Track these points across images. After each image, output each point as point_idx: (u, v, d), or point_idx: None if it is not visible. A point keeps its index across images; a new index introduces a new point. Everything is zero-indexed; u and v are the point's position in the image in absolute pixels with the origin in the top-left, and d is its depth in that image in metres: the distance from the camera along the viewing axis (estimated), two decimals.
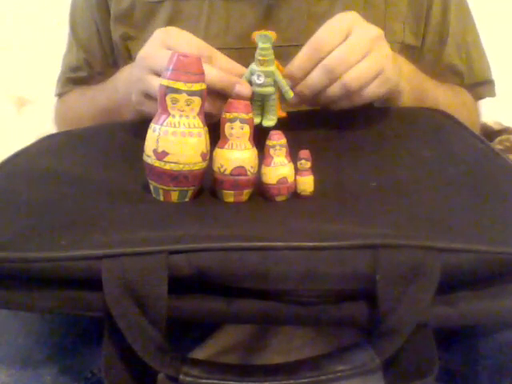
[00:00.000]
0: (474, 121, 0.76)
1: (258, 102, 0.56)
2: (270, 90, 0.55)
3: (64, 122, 0.81)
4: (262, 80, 0.54)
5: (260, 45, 0.54)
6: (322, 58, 0.54)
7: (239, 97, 0.53)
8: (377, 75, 0.56)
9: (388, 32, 0.69)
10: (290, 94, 0.56)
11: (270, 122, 0.56)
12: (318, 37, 0.55)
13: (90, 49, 0.78)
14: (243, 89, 0.54)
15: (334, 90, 0.55)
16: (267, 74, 0.54)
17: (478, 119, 0.79)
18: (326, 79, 0.55)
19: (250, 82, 0.55)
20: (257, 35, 0.54)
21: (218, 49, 0.67)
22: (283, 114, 0.57)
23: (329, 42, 0.54)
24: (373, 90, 0.56)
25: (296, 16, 0.68)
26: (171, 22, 0.69)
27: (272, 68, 0.55)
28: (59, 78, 0.82)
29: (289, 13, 0.68)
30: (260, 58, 0.54)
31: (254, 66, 0.55)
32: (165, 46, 0.55)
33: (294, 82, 0.56)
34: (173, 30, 0.57)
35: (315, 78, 0.55)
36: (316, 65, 0.55)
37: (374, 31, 0.57)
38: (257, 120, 0.56)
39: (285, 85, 0.55)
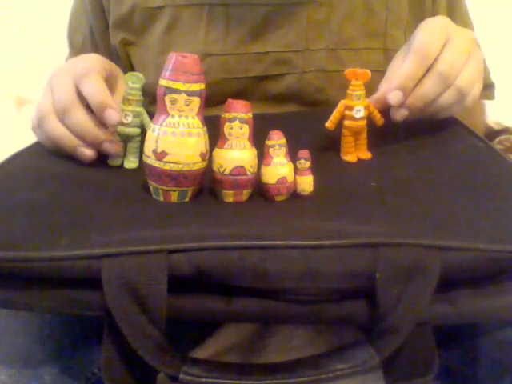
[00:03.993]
0: (475, 122, 0.76)
1: (121, 142, 0.55)
2: (136, 131, 0.54)
3: None
4: (129, 119, 0.54)
5: (130, 84, 0.54)
6: (430, 65, 0.52)
7: (108, 123, 0.52)
8: (479, 77, 0.55)
9: (389, 39, 0.70)
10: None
11: (131, 164, 0.55)
12: (423, 43, 0.52)
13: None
14: (113, 114, 0.52)
15: (449, 96, 0.54)
16: (135, 115, 0.54)
17: (481, 120, 0.79)
18: (442, 87, 0.53)
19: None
20: (127, 75, 0.54)
21: (218, 55, 0.68)
22: (368, 155, 0.56)
23: (434, 48, 0.52)
24: (476, 93, 0.56)
25: (295, 22, 0.68)
26: (170, 27, 0.69)
27: (139, 109, 0.54)
28: None
29: (288, 19, 0.68)
30: (129, 97, 0.54)
31: (121, 106, 0.54)
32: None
33: (406, 92, 0.53)
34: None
35: (430, 86, 0.53)
36: (425, 72, 0.53)
37: (470, 34, 0.56)
38: (118, 162, 0.55)
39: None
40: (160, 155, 0.46)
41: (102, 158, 0.55)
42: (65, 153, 0.55)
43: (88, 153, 0.54)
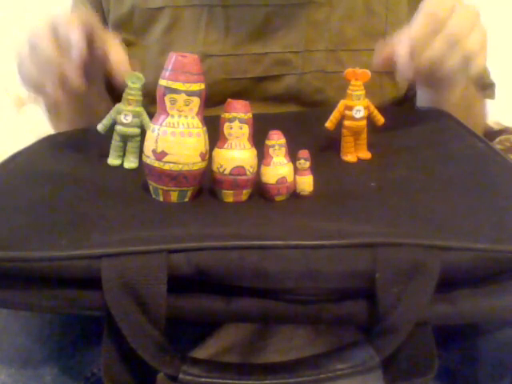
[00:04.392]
0: (475, 122, 0.75)
1: (121, 142, 0.55)
2: (135, 130, 0.54)
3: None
4: (129, 119, 0.54)
5: (130, 84, 0.54)
6: (438, 29, 0.53)
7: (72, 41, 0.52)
8: (483, 47, 0.56)
9: (389, 40, 0.70)
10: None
11: (131, 164, 0.55)
12: (431, 8, 0.54)
13: None
14: (77, 33, 0.52)
15: (456, 59, 0.54)
16: (134, 114, 0.54)
17: (481, 120, 0.79)
18: (449, 50, 0.54)
19: (116, 121, 0.54)
20: (127, 75, 0.54)
21: (217, 55, 0.68)
22: (368, 155, 0.56)
23: (444, 11, 0.53)
24: (479, 63, 0.56)
25: (295, 23, 0.68)
26: (170, 28, 0.69)
27: (139, 109, 0.54)
28: None
29: (287, 19, 0.68)
30: (128, 97, 0.54)
31: (121, 106, 0.54)
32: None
33: (414, 53, 0.53)
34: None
35: (437, 49, 0.54)
36: (434, 35, 0.53)
37: (474, 8, 0.57)
38: (117, 162, 0.55)
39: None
40: (160, 155, 0.46)
41: (101, 158, 0.55)
42: (40, 95, 0.56)
43: (53, 92, 0.53)
